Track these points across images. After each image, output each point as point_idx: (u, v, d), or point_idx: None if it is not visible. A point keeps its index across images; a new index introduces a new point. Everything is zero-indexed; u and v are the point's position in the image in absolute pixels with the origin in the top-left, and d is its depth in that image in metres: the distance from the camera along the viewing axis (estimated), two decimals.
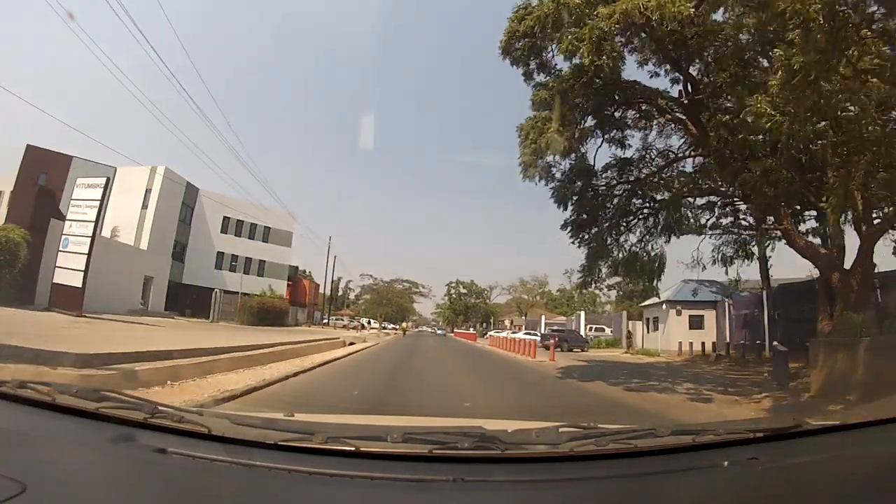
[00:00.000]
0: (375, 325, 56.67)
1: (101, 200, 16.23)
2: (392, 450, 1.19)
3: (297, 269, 48.30)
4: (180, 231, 35.61)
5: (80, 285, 15.67)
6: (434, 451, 1.17)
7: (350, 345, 18.92)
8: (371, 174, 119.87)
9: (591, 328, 38.94)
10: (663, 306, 25.56)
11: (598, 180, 12.09)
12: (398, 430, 1.29)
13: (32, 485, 0.89)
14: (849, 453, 1.34)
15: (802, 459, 1.30)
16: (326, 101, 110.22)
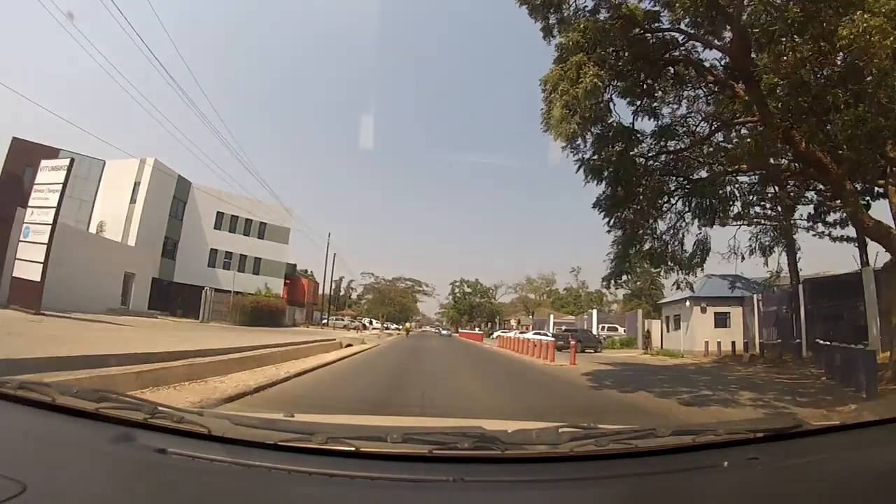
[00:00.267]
0: (378, 325, 55.01)
1: (64, 184, 14.52)
2: (392, 450, 1.20)
3: (294, 266, 46.76)
4: (171, 227, 34.00)
5: (38, 279, 13.92)
6: (434, 451, 1.19)
7: (347, 346, 17.15)
8: (373, 174, 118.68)
9: (602, 327, 37.30)
10: (686, 303, 23.71)
11: (639, 146, 10.11)
12: (398, 430, 1.32)
13: (32, 485, 0.89)
14: (849, 453, 1.35)
15: (802, 459, 1.31)
16: (327, 101, 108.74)
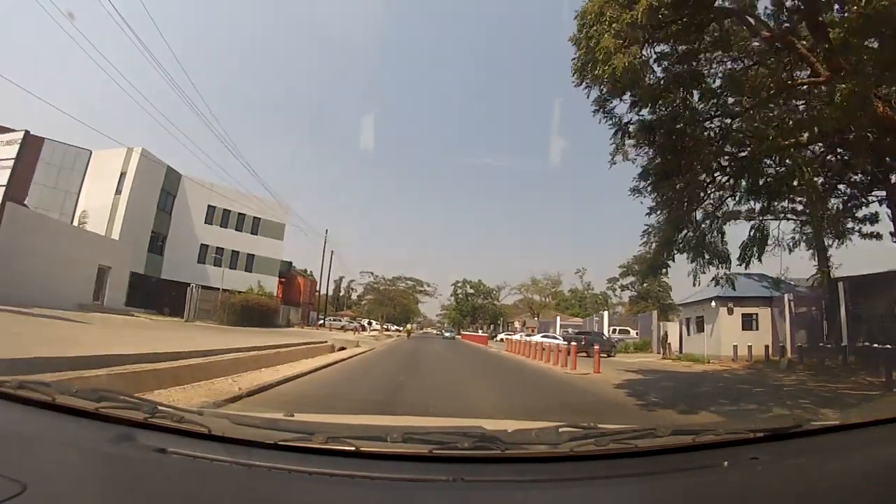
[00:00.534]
0: (377, 326, 53.12)
1: (16, 160, 12.79)
2: (392, 450, 1.21)
3: (290, 264, 45.12)
4: (160, 220, 32.35)
5: None
6: (434, 451, 1.20)
7: (340, 349, 15.32)
8: (374, 174, 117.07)
9: (614, 330, 35.31)
10: (712, 303, 21.89)
11: (700, 104, 8.20)
12: (398, 430, 1.32)
13: (32, 485, 0.90)
14: (849, 453, 1.36)
15: (802, 459, 1.33)
16: (328, 100, 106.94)
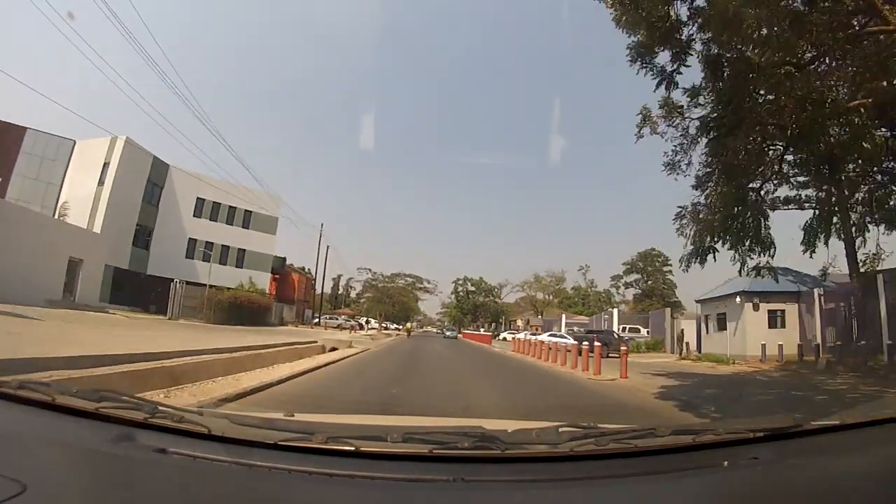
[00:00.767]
0: (376, 325, 51.50)
1: None
2: (392, 450, 1.22)
3: (284, 260, 43.65)
4: (145, 213, 30.83)
5: None
6: (434, 450, 1.21)
7: (331, 350, 13.76)
8: (374, 172, 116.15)
9: (624, 328, 33.68)
10: (737, 299, 20.36)
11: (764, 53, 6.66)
12: (398, 430, 1.33)
13: (32, 485, 0.91)
14: (849, 453, 1.38)
15: (802, 459, 1.34)
16: (325, 98, 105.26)
